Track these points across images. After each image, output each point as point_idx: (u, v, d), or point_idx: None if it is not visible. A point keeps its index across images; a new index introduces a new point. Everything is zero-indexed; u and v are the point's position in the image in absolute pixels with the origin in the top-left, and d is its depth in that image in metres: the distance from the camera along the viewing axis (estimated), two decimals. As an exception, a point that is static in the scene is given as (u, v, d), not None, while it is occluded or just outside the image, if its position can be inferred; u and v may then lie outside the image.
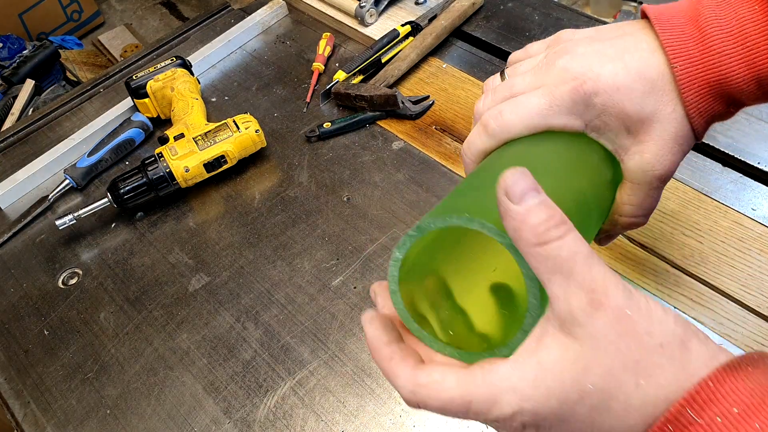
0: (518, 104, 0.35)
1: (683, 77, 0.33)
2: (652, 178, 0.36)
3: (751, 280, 0.53)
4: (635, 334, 0.25)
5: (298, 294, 0.58)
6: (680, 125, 0.34)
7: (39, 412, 0.54)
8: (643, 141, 0.35)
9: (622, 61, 0.34)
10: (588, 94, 0.33)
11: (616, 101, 0.34)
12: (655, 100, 0.34)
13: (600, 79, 0.34)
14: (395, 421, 0.49)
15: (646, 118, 0.34)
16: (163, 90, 0.73)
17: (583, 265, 0.25)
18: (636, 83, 0.34)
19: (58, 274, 0.63)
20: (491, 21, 0.81)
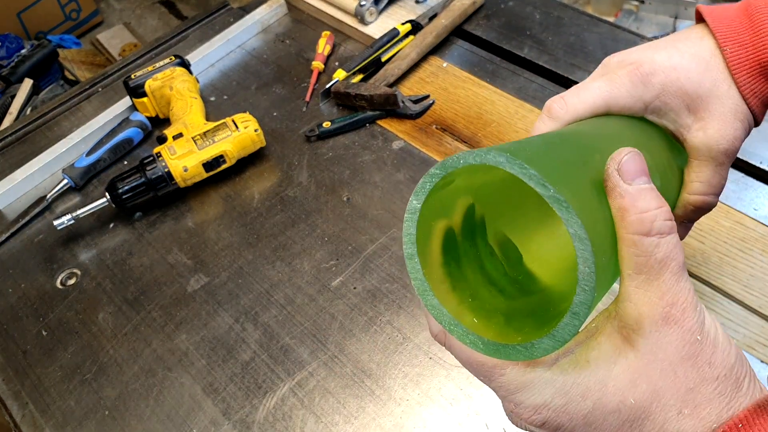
0: (580, 89, 0.35)
1: (734, 59, 0.35)
2: (717, 153, 0.36)
3: (753, 280, 0.53)
4: (697, 361, 0.24)
5: (297, 294, 0.58)
6: (737, 101, 0.35)
7: (37, 413, 0.53)
8: (704, 117, 0.35)
9: (674, 47, 0.36)
10: (646, 74, 0.35)
11: (674, 79, 0.35)
12: (711, 78, 0.35)
13: (656, 60, 0.35)
14: (395, 423, 0.49)
15: (704, 94, 0.35)
16: (161, 89, 0.73)
17: (672, 275, 0.24)
18: (691, 63, 0.35)
19: (56, 275, 0.63)
20: (492, 20, 0.81)
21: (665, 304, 0.24)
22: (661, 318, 0.24)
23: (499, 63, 0.76)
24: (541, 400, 0.25)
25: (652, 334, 0.24)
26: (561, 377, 0.25)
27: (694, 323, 0.24)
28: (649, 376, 0.24)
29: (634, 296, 0.24)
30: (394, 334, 0.54)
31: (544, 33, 0.78)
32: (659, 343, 0.24)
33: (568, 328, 0.23)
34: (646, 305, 0.24)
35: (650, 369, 0.24)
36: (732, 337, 0.50)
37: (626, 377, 0.24)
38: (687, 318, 0.24)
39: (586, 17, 0.79)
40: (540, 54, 0.75)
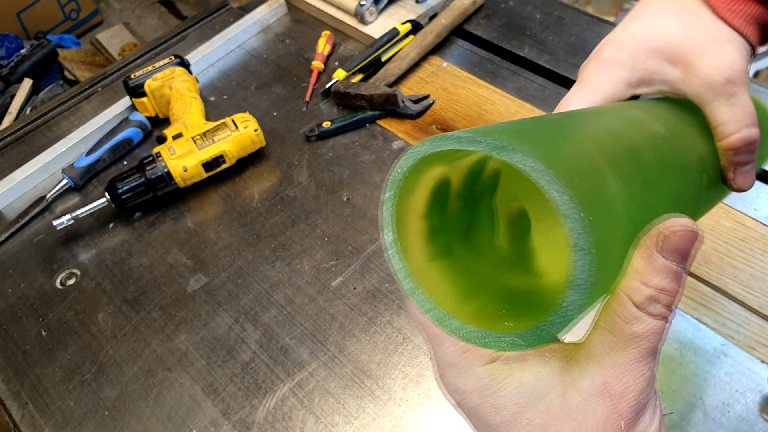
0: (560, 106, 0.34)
1: None
2: (719, 86, 0.33)
3: (753, 280, 0.53)
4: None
5: (297, 295, 0.58)
6: (714, 28, 0.33)
7: (37, 413, 0.53)
8: (690, 61, 0.33)
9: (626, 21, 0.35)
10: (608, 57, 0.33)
11: (638, 44, 0.33)
12: (676, 22, 0.33)
13: (613, 39, 0.34)
14: (395, 423, 0.49)
15: (676, 41, 0.33)
16: (161, 89, 0.73)
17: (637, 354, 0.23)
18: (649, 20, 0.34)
19: (55, 275, 0.63)
20: (492, 19, 0.81)
21: (613, 376, 0.23)
22: (601, 385, 0.23)
23: (500, 63, 0.76)
24: (461, 387, 0.25)
25: (585, 395, 0.23)
26: (487, 380, 0.24)
27: (627, 409, 0.23)
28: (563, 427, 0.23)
29: (592, 350, 0.23)
30: (394, 334, 0.54)
31: (545, 33, 0.77)
32: (585, 408, 0.23)
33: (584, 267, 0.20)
34: (597, 365, 0.23)
35: (566, 426, 0.23)
36: (732, 337, 0.50)
37: (542, 419, 0.23)
38: (624, 401, 0.23)
39: (586, 17, 0.79)
40: (540, 54, 0.75)
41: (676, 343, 0.50)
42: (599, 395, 0.23)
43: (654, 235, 0.23)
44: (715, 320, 0.51)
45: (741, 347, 0.50)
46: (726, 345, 0.50)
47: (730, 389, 0.48)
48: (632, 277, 0.23)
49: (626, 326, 0.23)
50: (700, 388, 0.48)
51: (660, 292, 0.22)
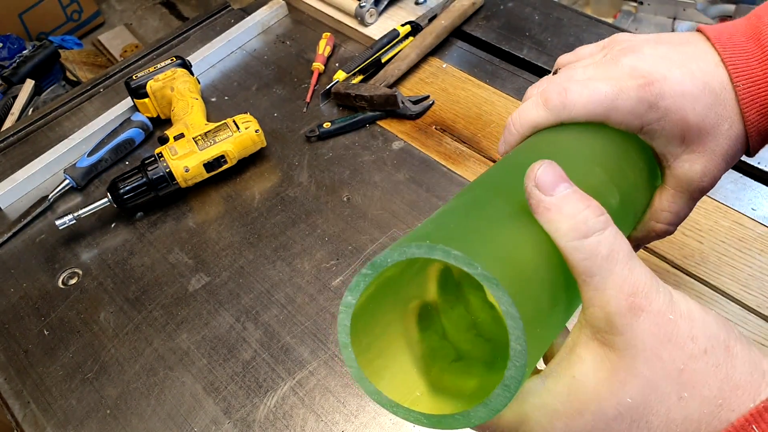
0: (586, 86, 0.33)
1: (746, 96, 0.33)
2: (696, 189, 0.35)
3: (751, 280, 0.53)
4: (678, 340, 0.23)
5: (298, 294, 0.58)
6: (733, 143, 0.34)
7: (39, 412, 0.53)
8: (695, 151, 0.34)
9: (688, 69, 0.33)
10: (655, 96, 0.32)
11: (680, 107, 0.33)
12: (717, 114, 0.33)
13: (667, 82, 0.33)
14: (395, 421, 0.49)
15: (704, 130, 0.33)
16: (162, 90, 0.73)
17: (623, 265, 0.23)
18: (702, 93, 0.33)
19: (57, 274, 0.63)
20: (491, 21, 0.81)
21: (626, 296, 0.23)
22: (627, 310, 0.23)
23: (499, 64, 0.76)
24: (542, 429, 0.25)
25: (625, 329, 0.23)
26: (552, 400, 0.24)
27: (661, 304, 0.23)
28: (637, 370, 0.23)
29: (595, 300, 0.24)
30: (393, 333, 0.54)
31: (544, 34, 0.78)
32: (635, 335, 0.23)
33: (500, 399, 0.23)
34: (610, 304, 0.23)
35: (636, 364, 0.23)
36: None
37: (615, 380, 0.24)
38: (653, 301, 0.23)
39: (585, 18, 0.79)
40: (539, 55, 0.75)
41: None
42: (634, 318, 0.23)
43: (533, 191, 0.25)
44: (713, 319, 0.51)
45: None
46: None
47: (728, 388, 0.48)
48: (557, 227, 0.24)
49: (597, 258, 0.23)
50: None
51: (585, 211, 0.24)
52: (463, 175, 0.65)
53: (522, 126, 0.34)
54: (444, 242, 0.23)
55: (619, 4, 1.56)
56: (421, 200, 0.63)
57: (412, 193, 0.64)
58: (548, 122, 0.33)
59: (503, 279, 0.22)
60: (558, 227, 0.24)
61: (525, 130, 0.34)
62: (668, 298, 0.24)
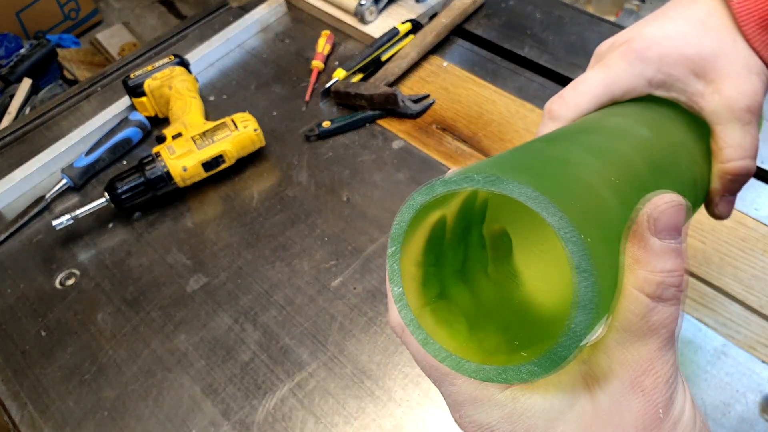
0: (577, 83, 0.34)
1: (741, 10, 0.33)
2: (739, 111, 0.34)
3: (754, 280, 0.53)
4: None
5: (297, 295, 0.57)
6: (747, 56, 0.33)
7: (36, 413, 0.53)
8: (715, 79, 0.33)
9: (665, 16, 0.34)
10: (639, 50, 0.33)
11: (671, 48, 0.33)
12: (712, 37, 0.33)
13: (647, 34, 0.33)
14: (395, 423, 0.49)
15: (709, 56, 0.33)
16: (161, 89, 0.72)
17: (658, 344, 0.22)
18: (686, 26, 0.33)
19: (55, 275, 0.63)
20: (492, 19, 0.81)
21: (640, 371, 0.22)
22: (630, 382, 0.22)
23: (500, 62, 0.76)
24: (487, 420, 0.24)
25: (615, 395, 0.22)
26: (511, 405, 0.24)
27: (660, 396, 0.22)
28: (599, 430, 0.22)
29: (612, 351, 0.23)
30: (393, 334, 0.54)
31: (545, 32, 0.77)
32: (619, 407, 0.22)
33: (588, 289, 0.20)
34: (621, 365, 0.23)
35: (603, 430, 0.23)
36: (733, 337, 0.50)
37: (577, 428, 0.23)
38: (656, 390, 0.22)
39: (587, 16, 0.79)
40: (541, 53, 0.75)
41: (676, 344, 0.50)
42: (630, 392, 0.22)
43: (644, 221, 0.23)
44: (716, 320, 0.51)
45: (741, 347, 0.49)
46: (726, 345, 0.50)
47: (731, 389, 0.47)
48: (636, 270, 0.23)
49: (644, 321, 0.22)
50: (700, 389, 0.48)
51: (668, 275, 0.22)
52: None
53: None
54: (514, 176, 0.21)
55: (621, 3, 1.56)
56: (421, 200, 0.63)
57: (412, 192, 0.64)
58: None
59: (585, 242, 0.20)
60: (636, 269, 0.22)
61: None
62: (671, 395, 0.23)
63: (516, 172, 0.22)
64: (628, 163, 0.27)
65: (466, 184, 0.22)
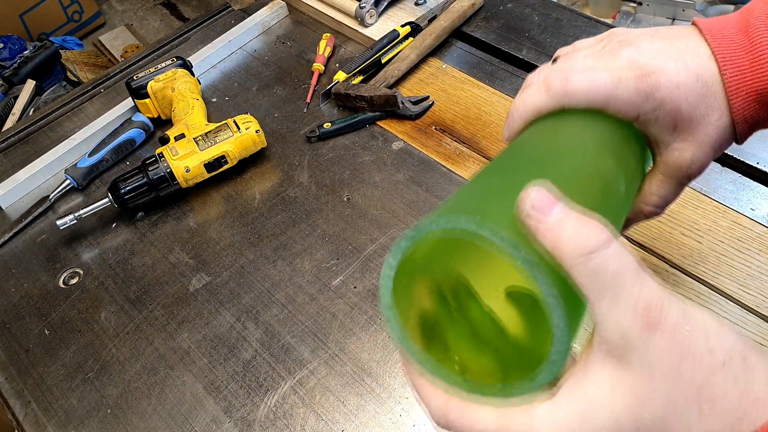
0: (587, 73, 0.34)
1: (732, 84, 0.34)
2: (684, 176, 0.37)
3: (750, 279, 0.53)
4: (696, 354, 0.23)
5: (298, 294, 0.58)
6: (722, 132, 0.35)
7: (40, 411, 0.54)
8: (686, 140, 0.36)
9: (683, 61, 0.35)
10: (652, 87, 0.34)
11: (674, 98, 0.34)
12: (707, 105, 0.35)
13: (663, 74, 0.34)
14: (395, 420, 0.49)
15: (695, 120, 0.35)
16: (163, 90, 0.73)
17: (634, 280, 0.23)
18: (694, 84, 0.34)
19: (58, 274, 0.64)
20: (491, 21, 0.81)
21: (641, 312, 0.23)
22: (642, 327, 0.23)
23: (498, 64, 0.76)
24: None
25: (641, 346, 0.23)
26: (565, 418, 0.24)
27: (676, 318, 0.23)
28: (656, 388, 0.23)
29: (609, 318, 0.23)
30: (393, 332, 0.54)
31: (543, 35, 0.78)
32: (652, 351, 0.23)
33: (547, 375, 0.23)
34: (624, 320, 0.23)
35: (654, 381, 0.23)
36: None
37: (633, 397, 0.23)
38: (667, 316, 0.23)
39: (584, 19, 0.79)
40: (538, 55, 0.76)
41: (672, 342, 0.50)
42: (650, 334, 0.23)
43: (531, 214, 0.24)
44: (712, 319, 0.52)
45: (737, 346, 0.50)
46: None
47: (726, 387, 0.48)
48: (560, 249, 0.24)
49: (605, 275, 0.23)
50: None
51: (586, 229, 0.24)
52: (463, 175, 0.65)
53: (525, 111, 0.36)
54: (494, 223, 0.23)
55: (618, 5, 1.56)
56: (420, 200, 0.64)
57: (411, 193, 0.64)
58: (550, 107, 0.35)
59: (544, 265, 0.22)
60: (562, 247, 0.23)
61: (528, 115, 0.36)
62: (682, 311, 0.23)
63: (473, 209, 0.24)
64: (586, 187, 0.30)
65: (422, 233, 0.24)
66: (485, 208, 0.26)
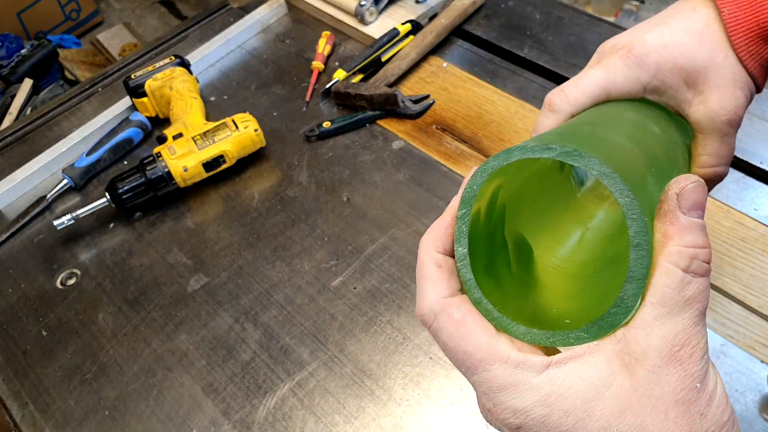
0: (578, 79, 0.36)
1: (731, 20, 0.34)
2: (720, 123, 0.36)
3: (753, 280, 0.53)
4: (690, 409, 0.23)
5: (297, 295, 0.58)
6: (735, 69, 0.35)
7: (37, 413, 0.53)
8: (704, 90, 0.36)
9: (665, 24, 0.36)
10: (639, 56, 0.35)
11: (667, 57, 0.35)
12: (706, 49, 0.35)
13: (647, 40, 0.35)
14: (395, 423, 0.49)
15: (700, 67, 0.35)
16: (161, 89, 0.73)
17: (693, 317, 0.23)
18: (683, 37, 0.35)
19: (56, 275, 0.63)
20: (492, 20, 0.81)
21: (677, 344, 0.23)
22: (668, 355, 0.23)
23: (500, 63, 0.76)
24: (522, 405, 0.24)
25: (654, 368, 0.23)
26: (548, 387, 0.24)
27: (697, 369, 0.23)
28: (640, 410, 0.23)
29: (649, 326, 0.23)
30: (394, 334, 0.54)
31: (545, 33, 0.78)
32: (658, 380, 0.23)
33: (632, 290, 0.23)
34: (658, 339, 0.23)
35: (642, 403, 0.23)
36: (732, 337, 0.50)
37: (616, 405, 0.23)
38: (693, 362, 0.23)
39: (586, 17, 0.79)
40: (540, 54, 0.75)
41: (675, 343, 0.50)
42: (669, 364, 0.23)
43: (672, 198, 0.25)
44: (715, 320, 0.51)
45: (740, 347, 0.50)
46: (725, 345, 0.50)
47: (730, 389, 0.48)
48: (668, 245, 0.24)
49: (680, 294, 0.23)
50: (699, 388, 0.48)
51: (699, 250, 0.24)
52: (464, 174, 0.65)
53: None
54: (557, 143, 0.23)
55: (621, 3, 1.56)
56: (421, 200, 0.63)
57: (412, 192, 0.64)
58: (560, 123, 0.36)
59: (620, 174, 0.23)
60: (669, 243, 0.24)
61: None
62: (705, 368, 0.24)
63: (589, 149, 0.24)
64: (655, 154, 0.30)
65: (545, 153, 0.24)
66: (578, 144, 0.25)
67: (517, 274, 0.31)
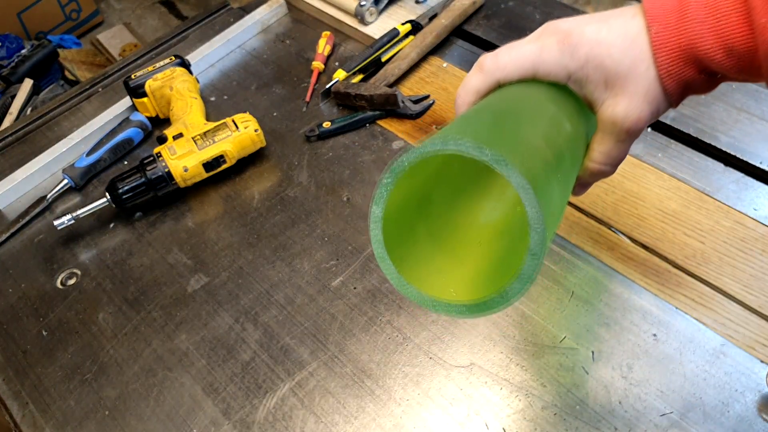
0: (513, 48, 0.39)
1: (657, 39, 0.36)
2: (620, 129, 0.38)
3: (753, 280, 0.53)
4: None
5: (297, 295, 0.58)
6: (652, 83, 0.37)
7: (37, 413, 0.53)
8: (617, 94, 0.38)
9: (606, 22, 0.38)
10: (573, 45, 0.37)
11: (597, 54, 0.37)
12: (632, 56, 0.37)
13: (585, 32, 0.37)
14: (395, 423, 0.49)
15: (622, 73, 0.37)
16: (161, 89, 0.73)
17: None
18: (617, 39, 0.37)
19: (56, 275, 0.63)
20: (492, 20, 0.81)
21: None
22: None
23: (499, 63, 0.76)
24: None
25: None
26: None
27: None
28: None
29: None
30: (394, 334, 0.54)
31: (544, 33, 0.78)
32: None
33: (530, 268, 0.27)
34: None
35: None
36: (732, 337, 0.50)
37: None
38: None
39: (586, 17, 0.79)
40: (540, 54, 0.75)
41: (675, 343, 0.50)
42: None
43: None
44: (715, 320, 0.51)
45: (740, 347, 0.50)
46: (725, 345, 0.50)
47: (730, 389, 0.48)
48: None
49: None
50: (699, 388, 0.48)
51: None
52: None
53: (467, 94, 0.40)
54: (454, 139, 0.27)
55: (620, 3, 1.56)
56: (421, 200, 0.63)
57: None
58: (487, 85, 0.39)
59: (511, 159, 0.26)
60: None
61: (470, 98, 0.40)
62: None
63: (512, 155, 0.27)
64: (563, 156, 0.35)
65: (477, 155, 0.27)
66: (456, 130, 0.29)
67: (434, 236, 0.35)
